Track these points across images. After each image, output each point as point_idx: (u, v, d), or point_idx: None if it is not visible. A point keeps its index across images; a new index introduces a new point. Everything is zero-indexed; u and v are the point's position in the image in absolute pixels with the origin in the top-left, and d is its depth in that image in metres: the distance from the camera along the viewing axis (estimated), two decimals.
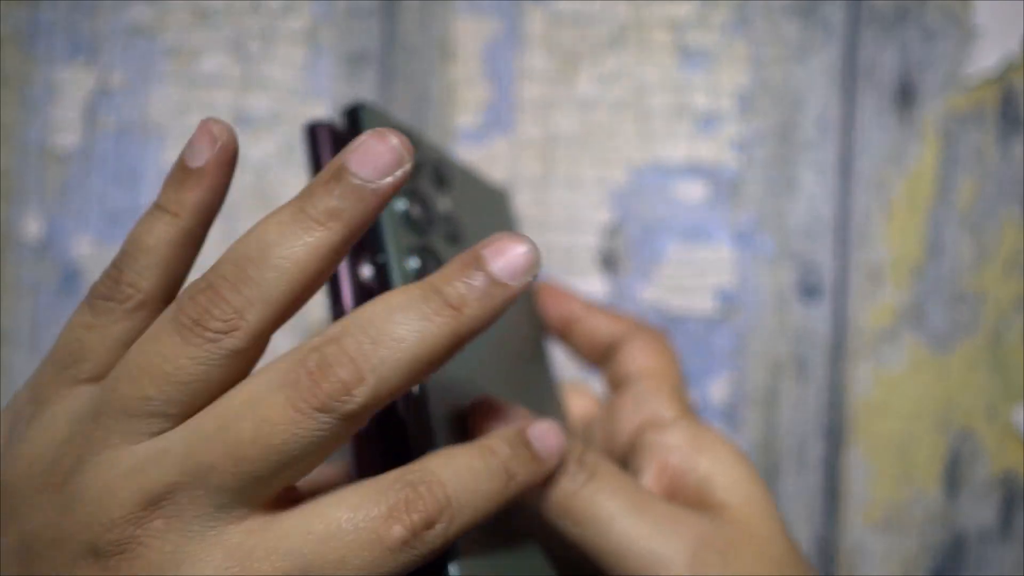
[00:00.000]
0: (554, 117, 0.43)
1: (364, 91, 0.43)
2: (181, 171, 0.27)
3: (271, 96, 0.43)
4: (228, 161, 0.27)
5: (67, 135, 0.42)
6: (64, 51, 0.42)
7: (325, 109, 0.43)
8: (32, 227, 0.42)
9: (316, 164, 0.30)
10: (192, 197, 0.26)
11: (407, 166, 0.25)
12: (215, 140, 0.26)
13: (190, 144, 0.27)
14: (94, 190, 0.42)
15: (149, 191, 0.42)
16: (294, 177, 0.43)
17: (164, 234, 0.26)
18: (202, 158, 0.26)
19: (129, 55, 0.43)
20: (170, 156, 0.42)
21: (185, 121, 0.42)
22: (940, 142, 0.43)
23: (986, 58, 0.43)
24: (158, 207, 0.27)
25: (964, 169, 0.43)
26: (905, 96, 0.43)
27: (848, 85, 0.43)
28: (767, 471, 0.43)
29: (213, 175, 0.26)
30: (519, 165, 0.43)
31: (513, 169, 0.43)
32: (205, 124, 0.27)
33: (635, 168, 0.43)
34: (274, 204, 0.43)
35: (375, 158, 0.25)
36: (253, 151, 0.43)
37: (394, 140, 0.25)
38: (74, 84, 0.42)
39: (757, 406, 0.43)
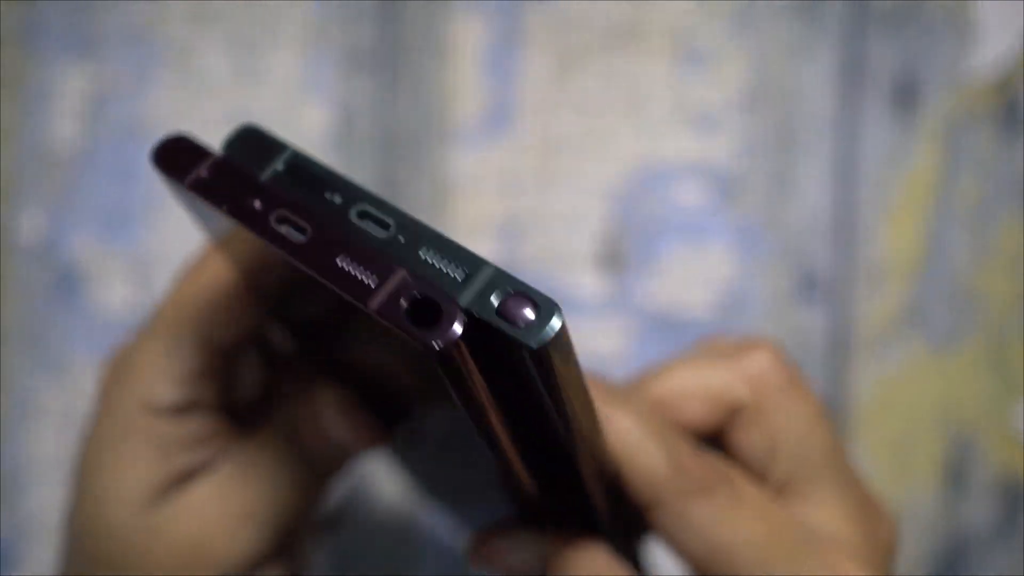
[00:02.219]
0: (554, 117, 0.43)
1: (364, 91, 0.43)
2: None
3: (271, 96, 0.43)
4: None
5: (67, 135, 0.42)
6: (64, 51, 0.42)
7: (325, 109, 0.43)
8: (31, 227, 0.42)
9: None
10: None
11: None
12: None
13: None
14: (94, 190, 0.42)
15: (149, 191, 0.42)
16: None
17: None
18: None
19: (129, 55, 0.43)
20: None
21: (185, 121, 0.42)
22: (940, 142, 0.43)
23: (987, 58, 0.43)
24: None
25: (964, 169, 0.43)
26: (905, 96, 0.43)
27: (848, 85, 0.43)
28: None
29: None
30: (518, 165, 0.43)
31: (512, 169, 0.43)
32: None
33: (635, 168, 0.43)
34: None
35: None
36: None
37: None
38: (74, 84, 0.42)
39: None
